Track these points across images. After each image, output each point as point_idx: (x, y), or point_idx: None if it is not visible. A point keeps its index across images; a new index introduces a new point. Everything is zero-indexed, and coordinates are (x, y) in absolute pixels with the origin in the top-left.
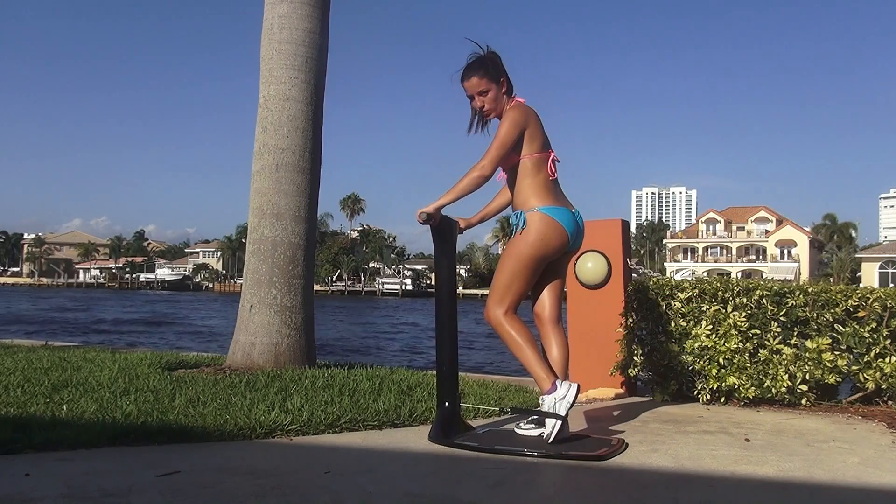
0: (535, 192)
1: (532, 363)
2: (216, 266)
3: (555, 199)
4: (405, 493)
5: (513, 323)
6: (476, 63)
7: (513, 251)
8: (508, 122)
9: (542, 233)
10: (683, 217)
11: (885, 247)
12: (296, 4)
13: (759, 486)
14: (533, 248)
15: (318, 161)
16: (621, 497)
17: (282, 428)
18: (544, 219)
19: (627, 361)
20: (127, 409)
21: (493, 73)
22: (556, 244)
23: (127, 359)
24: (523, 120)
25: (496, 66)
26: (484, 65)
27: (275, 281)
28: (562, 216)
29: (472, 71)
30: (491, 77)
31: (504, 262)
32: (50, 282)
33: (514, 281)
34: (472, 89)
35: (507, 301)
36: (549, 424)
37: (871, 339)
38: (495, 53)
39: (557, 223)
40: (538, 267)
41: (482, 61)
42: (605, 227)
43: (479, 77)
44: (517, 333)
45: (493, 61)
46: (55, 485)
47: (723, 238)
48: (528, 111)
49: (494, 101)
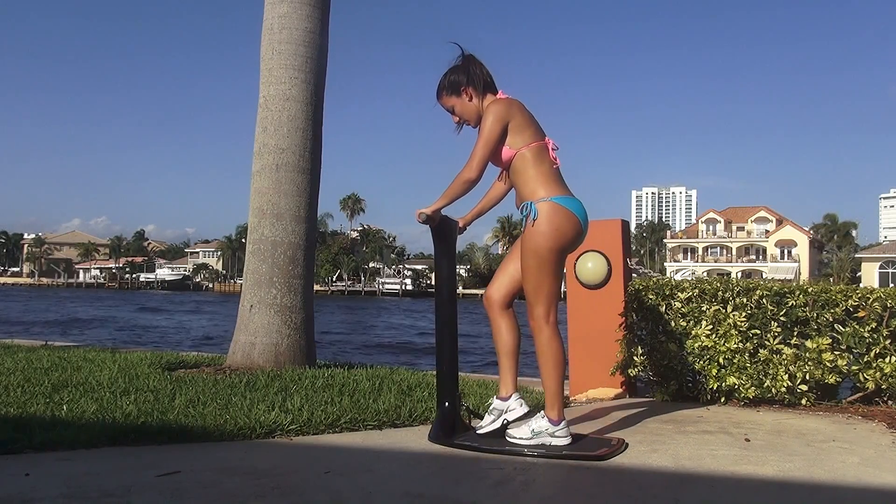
0: (541, 182)
1: (558, 388)
2: (216, 266)
3: (563, 188)
4: (405, 493)
5: (553, 334)
6: (439, 86)
7: (530, 248)
8: (489, 119)
9: (555, 223)
10: (683, 217)
11: (885, 247)
12: (296, 4)
13: (759, 486)
14: (549, 240)
15: (318, 161)
16: (621, 497)
17: (282, 428)
18: (555, 207)
19: (627, 361)
20: (127, 409)
21: (454, 87)
22: (571, 234)
23: (127, 359)
24: (504, 113)
25: (460, 74)
26: (442, 85)
27: (275, 281)
28: (573, 205)
29: (437, 95)
30: (452, 92)
31: (526, 263)
32: (50, 282)
33: (541, 280)
34: (445, 108)
35: (544, 303)
36: (511, 416)
37: (871, 339)
38: (466, 58)
39: (570, 212)
40: (560, 260)
41: (442, 82)
42: (605, 227)
43: (443, 98)
44: (554, 349)
45: (457, 71)
46: (55, 485)
47: (723, 238)
48: (509, 103)
49: (464, 111)
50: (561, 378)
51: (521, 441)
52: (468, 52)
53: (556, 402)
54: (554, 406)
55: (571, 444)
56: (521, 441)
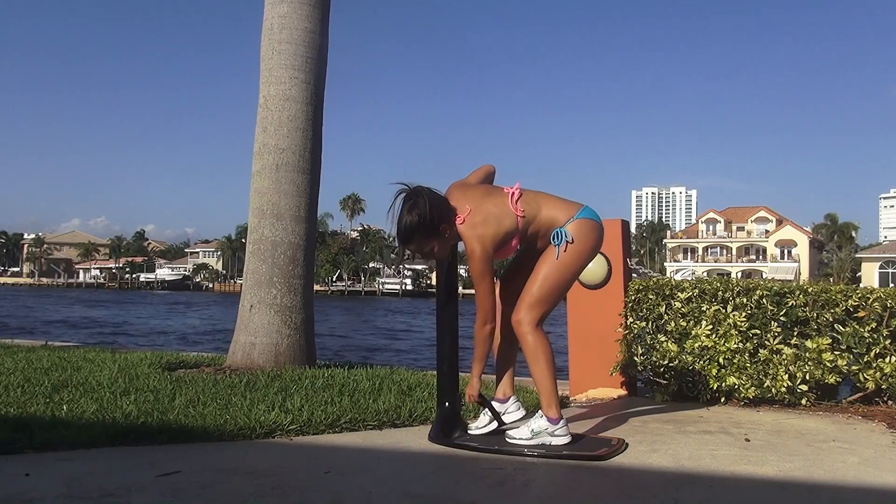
0: (554, 211)
1: (550, 385)
2: (216, 266)
3: (569, 203)
4: (405, 493)
5: (540, 336)
6: (407, 232)
7: (563, 263)
8: (475, 250)
9: (592, 239)
10: (683, 217)
11: (885, 247)
12: (296, 4)
13: (759, 486)
14: (584, 258)
15: (318, 161)
16: (621, 497)
17: (282, 428)
18: (586, 224)
19: (627, 361)
20: (127, 409)
21: (433, 229)
22: (600, 242)
23: (127, 359)
24: (489, 246)
25: (432, 212)
26: (416, 229)
27: (275, 281)
28: (591, 214)
29: (406, 241)
30: (431, 234)
31: (551, 272)
32: (50, 282)
33: (556, 293)
34: (421, 252)
35: (540, 310)
36: (508, 418)
37: (871, 339)
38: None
39: (595, 223)
40: (580, 273)
41: (409, 227)
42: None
43: (420, 244)
44: (543, 348)
45: (423, 209)
46: (55, 485)
47: (723, 238)
48: (481, 234)
49: (444, 245)
50: (554, 376)
51: (521, 441)
52: (413, 185)
53: (553, 400)
54: (551, 405)
55: (572, 444)
56: (521, 441)
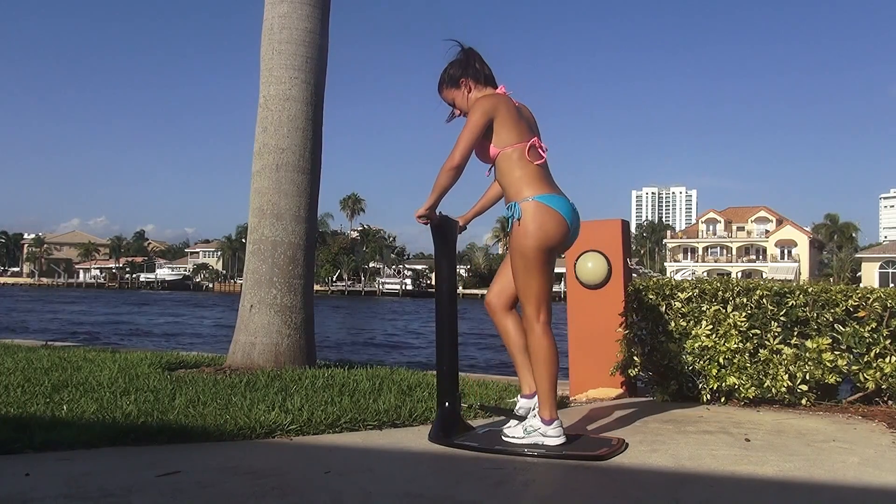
0: (527, 182)
1: (550, 387)
2: (216, 266)
3: (549, 186)
4: (405, 493)
5: (545, 336)
6: (440, 80)
7: (516, 248)
8: (475, 112)
9: (539, 221)
10: (683, 217)
11: (885, 247)
12: (296, 4)
13: (759, 486)
14: (534, 240)
15: (318, 161)
16: (621, 497)
17: (282, 428)
18: (539, 207)
19: (627, 361)
20: (127, 409)
21: (454, 80)
22: (556, 233)
23: (127, 359)
24: (490, 107)
25: (459, 67)
26: (443, 79)
27: (275, 281)
28: (557, 203)
29: (438, 89)
30: (451, 84)
31: (514, 263)
32: (50, 282)
33: (528, 280)
34: (446, 101)
35: (533, 303)
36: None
37: (871, 339)
38: (465, 52)
39: (554, 210)
40: (547, 259)
41: (442, 76)
42: (605, 227)
43: (444, 91)
44: (546, 349)
45: (456, 65)
46: (55, 485)
47: (723, 238)
48: (497, 99)
49: (464, 103)
50: (553, 377)
51: (515, 440)
52: (468, 47)
53: (548, 401)
54: (546, 405)
55: (570, 444)
56: (515, 440)
